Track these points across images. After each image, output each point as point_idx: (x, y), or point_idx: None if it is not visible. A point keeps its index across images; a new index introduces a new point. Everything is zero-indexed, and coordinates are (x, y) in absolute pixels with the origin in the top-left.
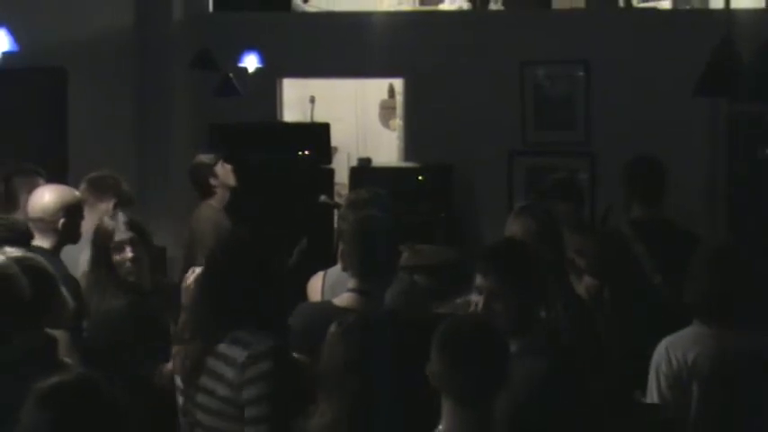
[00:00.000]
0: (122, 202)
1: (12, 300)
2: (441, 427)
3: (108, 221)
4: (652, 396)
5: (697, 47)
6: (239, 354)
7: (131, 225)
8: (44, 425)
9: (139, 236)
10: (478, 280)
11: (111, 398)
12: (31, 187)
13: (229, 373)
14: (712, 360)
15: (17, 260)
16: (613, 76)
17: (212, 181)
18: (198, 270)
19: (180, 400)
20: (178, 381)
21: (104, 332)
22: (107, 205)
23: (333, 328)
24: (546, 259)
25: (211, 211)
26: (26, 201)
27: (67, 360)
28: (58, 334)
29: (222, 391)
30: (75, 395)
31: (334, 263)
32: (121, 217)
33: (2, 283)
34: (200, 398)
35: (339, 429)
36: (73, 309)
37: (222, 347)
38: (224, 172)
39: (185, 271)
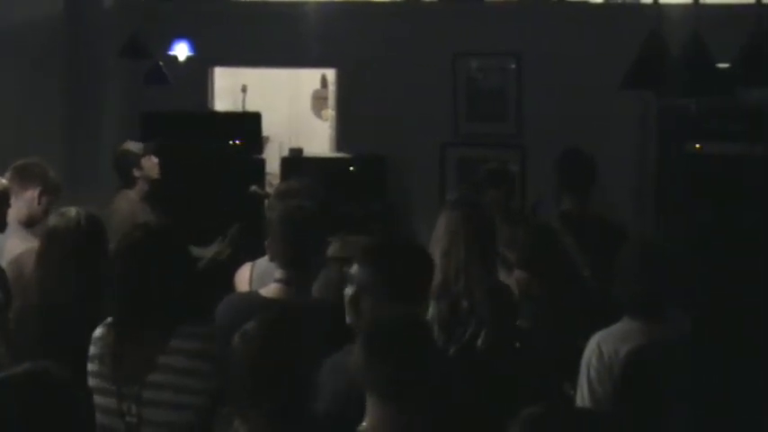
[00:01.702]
0: (48, 190)
1: None
2: (364, 423)
3: None
4: (582, 390)
5: (628, 41)
6: (202, 346)
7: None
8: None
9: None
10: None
11: (67, 388)
12: None
13: (200, 365)
14: (639, 355)
15: None
16: (545, 69)
17: (135, 171)
18: None
19: (105, 401)
20: (99, 383)
21: None
22: (32, 193)
23: (236, 337)
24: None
25: (127, 202)
26: None
27: None
28: None
29: (184, 382)
30: (31, 387)
31: (264, 253)
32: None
33: None
34: (150, 394)
35: None
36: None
37: (176, 343)
38: (149, 164)
39: None
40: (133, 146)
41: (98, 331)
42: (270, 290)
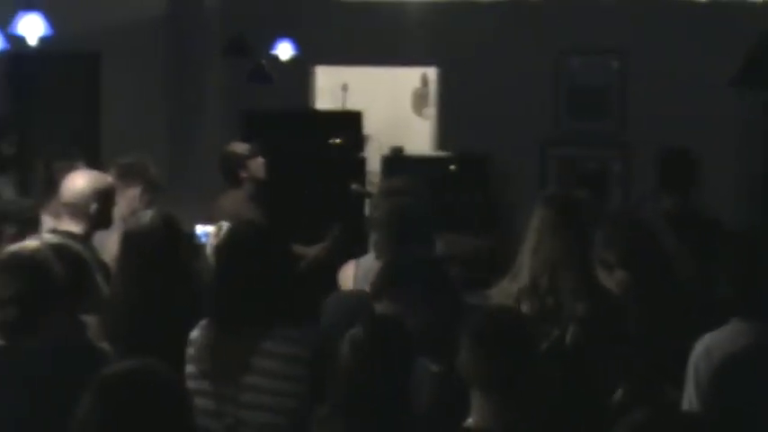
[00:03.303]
0: (150, 188)
1: (46, 285)
2: (470, 419)
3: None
4: (690, 393)
5: (734, 39)
6: (295, 350)
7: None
8: (103, 416)
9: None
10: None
11: (173, 386)
12: (71, 173)
13: (294, 369)
14: (746, 357)
15: (52, 246)
16: (649, 67)
17: (242, 172)
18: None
19: (202, 402)
20: (197, 384)
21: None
22: (134, 191)
23: (344, 339)
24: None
25: (233, 201)
26: None
27: (101, 345)
28: (91, 319)
29: (279, 385)
30: (136, 385)
31: (366, 252)
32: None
33: (36, 270)
34: (247, 397)
35: None
36: (105, 294)
37: (269, 345)
38: (256, 165)
39: None
40: (239, 146)
41: (195, 332)
42: None
